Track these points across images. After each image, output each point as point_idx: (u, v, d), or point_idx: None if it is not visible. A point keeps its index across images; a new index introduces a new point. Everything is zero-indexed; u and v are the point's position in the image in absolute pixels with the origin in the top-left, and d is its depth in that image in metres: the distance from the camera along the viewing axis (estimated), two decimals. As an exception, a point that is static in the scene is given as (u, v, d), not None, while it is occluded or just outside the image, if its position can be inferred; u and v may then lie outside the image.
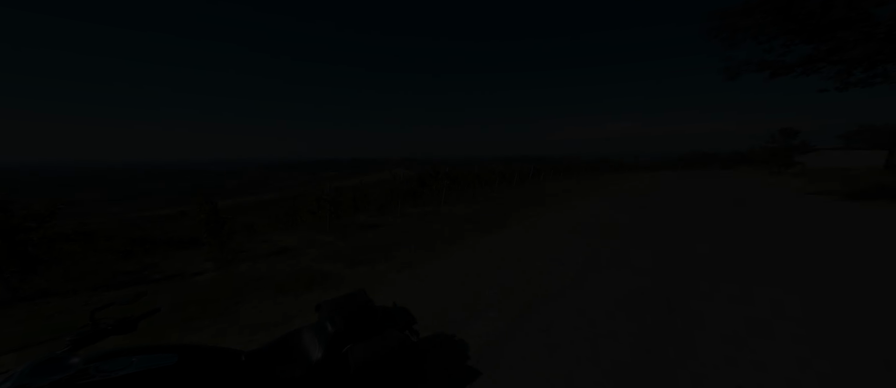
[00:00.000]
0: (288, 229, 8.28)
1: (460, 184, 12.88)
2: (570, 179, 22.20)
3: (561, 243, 5.94)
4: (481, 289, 3.94)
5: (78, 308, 3.64)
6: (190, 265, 5.22)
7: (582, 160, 32.96)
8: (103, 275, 4.74)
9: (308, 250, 5.92)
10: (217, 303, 3.58)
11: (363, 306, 2.06)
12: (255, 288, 4.03)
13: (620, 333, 2.90)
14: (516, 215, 8.97)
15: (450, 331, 3.01)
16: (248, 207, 39.12)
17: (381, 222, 8.31)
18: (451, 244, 6.09)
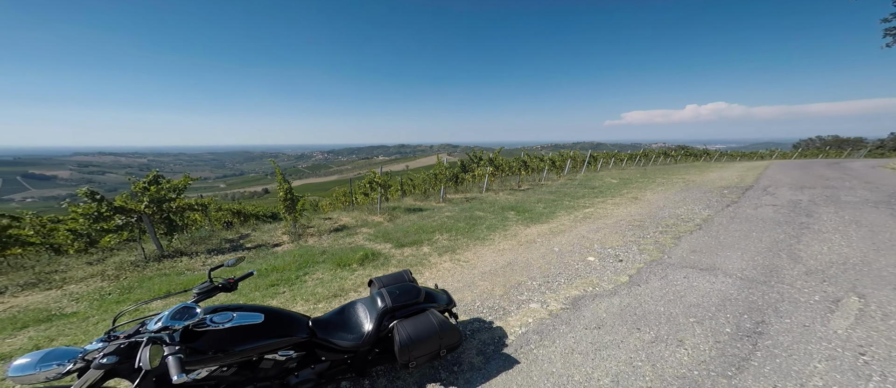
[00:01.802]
0: (345, 208, 9.14)
1: (504, 171, 12.49)
2: (634, 168, 19.89)
3: (612, 237, 5.43)
4: (522, 280, 3.87)
5: (198, 267, 4.63)
6: (272, 237, 6.14)
7: (650, 148, 28.86)
8: (214, 241, 5.90)
9: (361, 229, 6.46)
10: (290, 272, 4.18)
11: (409, 286, 2.22)
12: (319, 261, 4.59)
13: (673, 355, 2.60)
14: (565, 204, 8.43)
15: (488, 318, 3.05)
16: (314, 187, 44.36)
17: (425, 207, 8.60)
18: (493, 231, 6.05)
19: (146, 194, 4.97)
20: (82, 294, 3.74)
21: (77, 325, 3.04)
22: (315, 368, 1.88)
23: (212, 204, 8.25)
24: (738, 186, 10.22)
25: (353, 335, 1.94)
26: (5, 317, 3.19)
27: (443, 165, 10.19)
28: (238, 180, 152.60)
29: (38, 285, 4.04)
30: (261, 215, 9.66)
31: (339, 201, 12.69)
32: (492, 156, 12.12)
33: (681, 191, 9.97)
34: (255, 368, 1.72)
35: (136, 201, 4.95)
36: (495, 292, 3.54)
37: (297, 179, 50.23)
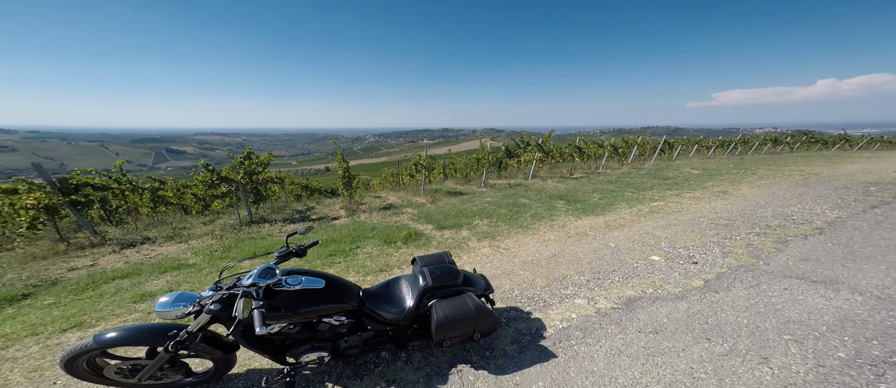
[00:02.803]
0: (393, 188, 9.71)
1: (554, 157, 11.58)
2: (725, 157, 16.55)
3: (686, 236, 4.63)
4: (568, 273, 3.62)
5: (276, 233, 5.50)
6: (331, 211, 6.90)
7: (753, 133, 23.19)
8: (287, 211, 6.92)
9: (406, 209, 6.80)
10: (345, 244, 4.64)
11: (448, 268, 2.27)
12: (369, 237, 4.99)
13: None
14: (627, 196, 7.48)
15: (527, 308, 2.95)
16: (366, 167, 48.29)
17: (466, 191, 8.58)
18: (538, 220, 5.74)
19: (242, 167, 6.04)
20: (199, 249, 4.78)
21: (194, 274, 3.89)
22: (361, 335, 2.04)
23: (286, 178, 9.63)
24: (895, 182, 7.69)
25: (396, 309, 2.06)
26: (154, 262, 4.29)
27: (486, 149, 9.95)
28: (306, 159, 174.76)
29: (173, 238, 5.30)
30: (323, 190, 10.95)
31: (388, 182, 13.51)
32: (541, 141, 11.33)
33: (796, 186, 7.98)
34: (313, 329, 1.90)
35: (234, 173, 6.04)
36: (536, 283, 3.40)
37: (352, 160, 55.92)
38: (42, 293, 3.37)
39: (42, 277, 3.74)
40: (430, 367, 2.21)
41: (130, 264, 4.12)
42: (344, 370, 2.14)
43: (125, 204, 6.21)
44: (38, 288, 3.47)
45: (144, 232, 5.43)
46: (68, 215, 5.17)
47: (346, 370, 2.15)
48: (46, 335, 2.60)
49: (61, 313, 2.92)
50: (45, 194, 4.65)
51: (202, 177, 5.87)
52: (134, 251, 4.64)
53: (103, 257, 4.43)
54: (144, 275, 3.79)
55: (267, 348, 1.85)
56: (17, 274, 3.81)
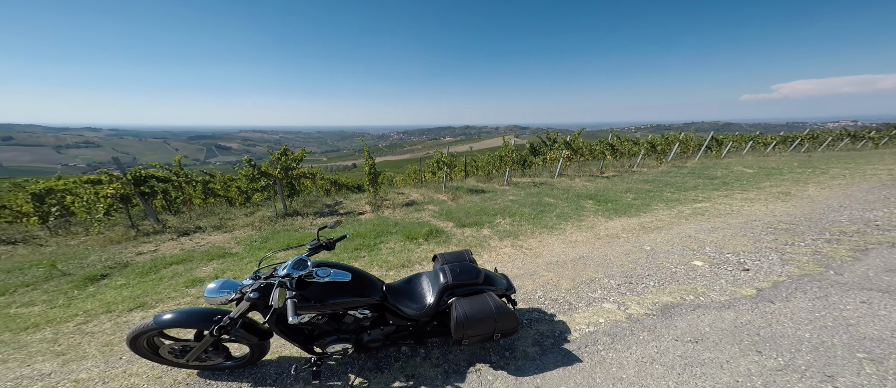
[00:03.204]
0: (415, 185, 9.86)
1: (583, 155, 11.00)
2: (787, 155, 14.72)
3: (736, 240, 4.16)
4: (596, 276, 3.43)
5: (307, 226, 5.83)
6: (357, 206, 7.17)
7: (824, 127, 20.11)
8: (318, 205, 7.31)
9: (428, 206, 6.86)
10: (370, 239, 4.79)
11: (469, 266, 2.25)
12: (392, 232, 5.11)
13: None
14: (666, 196, 6.92)
15: (550, 310, 2.85)
16: (390, 164, 49.50)
17: (487, 189, 8.46)
18: (565, 221, 5.50)
19: (279, 162, 6.49)
20: (241, 239, 5.22)
21: (236, 263, 4.25)
22: (383, 329, 2.07)
23: (317, 174, 10.19)
24: None
25: (417, 305, 2.08)
26: (204, 250, 4.77)
27: (509, 146, 9.72)
28: (335, 155, 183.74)
29: (220, 227, 5.84)
30: (350, 185, 11.42)
31: (410, 178, 13.72)
32: (569, 138, 10.82)
33: (882, 187, 6.92)
34: (339, 321, 1.97)
35: (272, 168, 6.51)
36: (561, 285, 3.27)
37: (377, 157, 57.18)
38: (115, 274, 3.88)
39: (116, 259, 4.30)
40: (448, 364, 2.21)
41: (184, 251, 4.60)
42: (366, 363, 2.21)
43: (182, 195, 6.95)
44: (113, 269, 4.00)
45: (196, 221, 6.03)
46: (137, 204, 5.92)
47: (368, 363, 2.21)
48: (117, 313, 2.95)
49: (129, 293, 3.31)
50: (121, 185, 5.36)
51: (245, 171, 6.40)
52: (187, 239, 5.17)
53: (163, 243, 4.99)
54: (195, 262, 4.20)
55: (297, 337, 1.93)
56: (97, 256, 4.43)
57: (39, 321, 2.74)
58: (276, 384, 1.97)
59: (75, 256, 4.42)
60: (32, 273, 3.80)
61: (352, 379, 2.05)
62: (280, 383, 1.99)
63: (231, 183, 7.78)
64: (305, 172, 7.15)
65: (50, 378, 2.07)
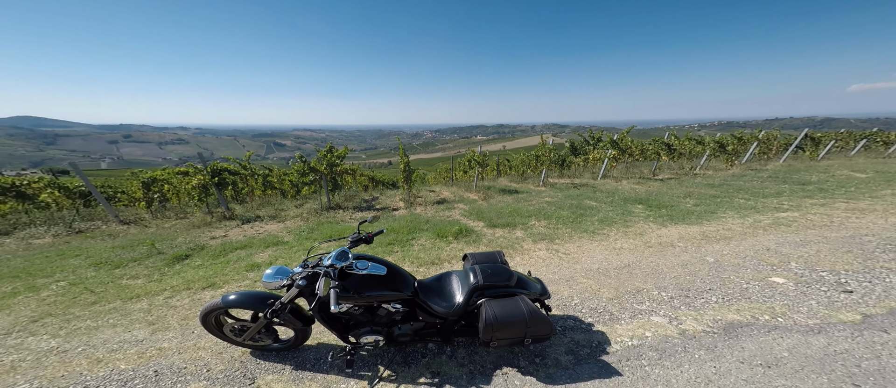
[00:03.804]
0: (446, 183, 9.93)
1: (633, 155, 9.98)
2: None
3: (834, 256, 3.39)
4: (644, 287, 3.09)
5: (347, 219, 6.25)
6: (392, 202, 7.47)
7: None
8: (357, 200, 7.79)
9: (458, 205, 6.85)
10: (403, 235, 4.93)
11: (501, 267, 2.19)
12: (423, 229, 5.21)
13: None
14: (738, 203, 5.98)
15: (588, 319, 2.64)
16: (423, 162, 50.51)
17: (521, 189, 8.15)
18: (608, 226, 5.06)
19: (325, 159, 7.06)
20: (292, 229, 5.77)
21: (287, 251, 4.69)
22: (413, 325, 2.10)
23: (357, 170, 10.86)
24: None
25: (446, 304, 2.08)
26: (261, 238, 5.37)
27: (547, 145, 9.24)
28: (373, 153, 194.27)
29: (275, 217, 6.54)
30: (386, 182, 11.94)
31: (442, 177, 13.77)
32: (616, 137, 9.90)
33: None
34: (373, 313, 2.02)
35: (320, 164, 7.10)
36: (602, 294, 3.02)
37: (410, 155, 59.36)
38: (195, 255, 4.54)
39: (196, 242, 5.07)
40: (474, 365, 2.17)
41: (246, 238, 5.23)
42: (395, 357, 2.27)
43: (246, 187, 7.95)
44: (193, 251, 4.70)
45: (256, 211, 6.83)
46: (213, 193, 6.95)
47: (397, 357, 2.27)
48: (194, 290, 3.28)
49: (203, 273, 3.80)
50: (203, 177, 6.33)
51: (297, 167, 7.10)
52: (249, 226, 5.87)
53: (231, 229, 5.75)
54: (254, 248, 4.75)
55: (335, 325, 2.02)
56: (183, 238, 5.28)
57: (140, 293, 3.28)
58: (314, 369, 2.12)
59: (167, 237, 5.32)
60: (138, 250, 4.66)
61: (381, 371, 2.13)
62: (317, 368, 2.13)
63: (285, 177, 8.69)
64: (347, 169, 7.68)
65: (142, 344, 2.42)
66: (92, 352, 2.25)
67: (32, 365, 2.11)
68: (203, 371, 2.05)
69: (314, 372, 2.08)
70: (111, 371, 2.07)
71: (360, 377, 2.06)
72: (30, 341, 2.38)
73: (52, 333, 2.48)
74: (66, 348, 2.30)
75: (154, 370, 2.06)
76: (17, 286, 3.32)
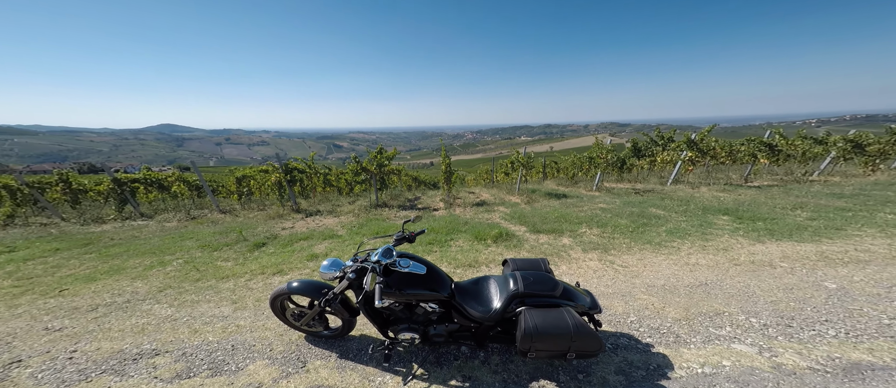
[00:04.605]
0: (486, 185, 9.74)
1: (718, 157, 8.33)
2: None
3: None
4: (726, 309, 2.57)
5: (392, 217, 6.61)
6: (432, 202, 7.65)
7: None
8: (401, 199, 8.19)
9: (498, 208, 6.66)
10: (441, 235, 4.99)
11: (545, 276, 2.06)
12: (462, 231, 5.19)
13: None
14: (882, 219, 4.61)
15: (647, 339, 2.30)
16: (463, 163, 50.70)
17: (571, 193, 7.52)
18: (680, 238, 4.35)
19: (375, 160, 7.60)
20: (345, 224, 6.33)
21: (340, 244, 5.13)
22: (447, 326, 2.10)
23: (402, 171, 11.42)
24: None
25: (482, 308, 2.03)
26: (320, 231, 6.01)
27: (603, 146, 8.33)
28: (417, 154, 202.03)
29: (332, 212, 7.25)
30: (428, 182, 12.27)
31: (482, 178, 13.49)
32: (695, 136, 8.40)
33: None
34: (412, 310, 2.07)
35: (371, 164, 7.67)
36: (666, 313, 2.61)
37: (451, 156, 59.05)
38: (269, 244, 5.27)
39: (271, 232, 5.91)
40: (508, 373, 2.08)
41: (309, 230, 5.89)
42: (428, 356, 2.30)
43: (311, 184, 9.02)
44: (269, 239, 5.47)
45: (317, 206, 7.67)
46: (286, 189, 8.05)
47: (430, 356, 2.30)
48: (266, 275, 3.66)
49: (274, 260, 4.35)
50: (279, 174, 7.38)
51: (352, 167, 7.78)
52: (311, 220, 6.61)
53: (297, 222, 6.56)
54: (314, 239, 5.31)
55: (377, 319, 2.10)
56: (262, 228, 6.22)
57: (228, 274, 3.89)
58: (355, 359, 2.26)
59: (251, 225, 6.34)
60: (230, 236, 5.65)
61: (415, 368, 2.18)
62: (358, 358, 2.27)
63: (341, 176, 9.62)
64: (394, 169, 8.11)
65: (225, 320, 2.76)
66: (192, 323, 2.76)
67: (154, 329, 2.68)
68: (267, 350, 2.34)
69: (355, 362, 2.22)
70: (202, 342, 2.47)
71: (395, 373, 2.14)
72: (155, 308, 3.03)
73: (168, 302, 3.14)
74: (176, 317, 2.86)
75: (232, 344, 2.42)
76: (152, 261, 4.32)
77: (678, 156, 8.25)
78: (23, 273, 3.93)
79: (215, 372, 2.10)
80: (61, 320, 2.76)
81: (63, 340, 2.45)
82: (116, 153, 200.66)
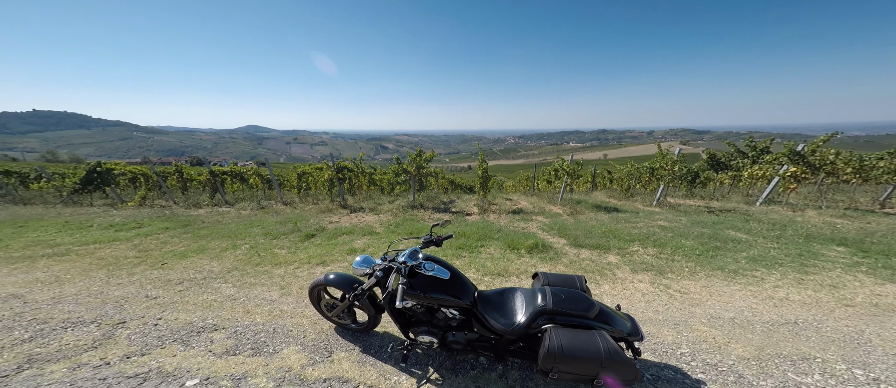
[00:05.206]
0: (525, 192, 9.27)
1: (843, 172, 6.46)
2: None
3: None
4: (823, 358, 2.04)
5: (425, 219, 6.74)
6: (466, 206, 7.60)
7: None
8: (436, 201, 8.33)
9: (537, 217, 6.28)
10: (472, 241, 4.90)
11: (579, 294, 1.91)
12: (494, 238, 5.03)
13: None
14: None
15: (699, 375, 1.96)
16: (502, 168, 49.53)
17: (624, 207, 6.73)
18: (766, 266, 3.60)
19: (414, 162, 7.89)
20: (383, 222, 6.66)
21: (376, 241, 5.39)
22: (466, 334, 2.08)
23: (440, 174, 11.61)
24: None
25: (505, 321, 1.96)
26: (361, 227, 6.44)
27: (669, 156, 7.22)
28: (455, 157, 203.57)
29: (373, 210, 7.70)
30: (464, 186, 12.23)
31: (521, 185, 12.88)
32: (805, 147, 6.64)
33: None
34: (433, 314, 2.08)
35: (410, 166, 7.99)
36: (730, 349, 2.21)
37: (490, 160, 56.89)
38: (317, 235, 5.81)
39: (320, 225, 6.53)
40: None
41: (351, 225, 6.33)
42: (445, 361, 2.28)
43: (358, 182, 9.75)
44: (317, 232, 6.03)
45: (361, 203, 8.22)
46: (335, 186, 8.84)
47: (447, 362, 2.27)
48: (311, 265, 3.99)
49: (319, 252, 4.72)
50: (332, 173, 8.14)
51: (393, 167, 8.18)
52: (354, 216, 7.11)
53: (343, 217, 7.11)
54: (355, 235, 5.70)
55: (399, 318, 2.15)
56: (313, 220, 6.90)
57: (281, 261, 4.36)
58: (376, 356, 2.35)
59: (305, 218, 7.09)
60: (287, 227, 6.39)
61: (430, 372, 2.18)
62: (379, 355, 2.36)
63: (384, 176, 10.20)
64: (431, 172, 8.28)
65: (273, 304, 3.03)
66: (246, 303, 3.11)
67: (219, 306, 3.10)
68: (300, 337, 2.56)
69: (375, 359, 2.31)
70: (251, 322, 2.73)
71: (411, 374, 2.17)
72: (222, 286, 3.55)
73: (233, 283, 3.65)
74: (237, 296, 3.31)
75: (274, 327, 2.70)
76: (227, 244, 5.11)
77: (774, 171, 6.72)
78: (143, 246, 5.02)
79: (256, 352, 2.37)
80: (158, 290, 3.41)
81: (155, 308, 3.01)
82: (216, 149, 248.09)
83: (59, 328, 2.61)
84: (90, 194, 9.03)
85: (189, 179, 9.77)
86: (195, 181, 9.74)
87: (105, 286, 3.46)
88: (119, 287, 3.45)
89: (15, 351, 2.30)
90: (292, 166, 11.48)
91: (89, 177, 8.78)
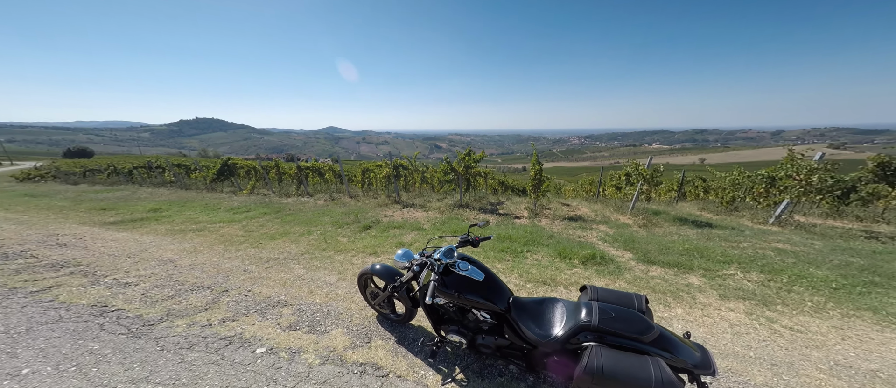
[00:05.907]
0: (588, 198, 8.29)
1: None
2: None
3: None
4: None
5: (469, 218, 6.72)
6: (516, 209, 7.26)
7: None
8: (484, 202, 8.21)
9: (599, 226, 5.61)
10: (518, 245, 4.67)
11: (633, 314, 1.69)
12: (543, 244, 4.70)
13: None
14: None
15: None
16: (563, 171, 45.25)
17: (722, 223, 5.45)
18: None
19: (463, 161, 7.92)
20: (430, 219, 6.89)
21: (422, 236, 5.60)
22: (497, 339, 2.02)
23: (489, 174, 11.32)
24: None
25: (541, 332, 1.84)
26: (409, 223, 6.76)
27: (806, 163, 5.44)
28: (509, 157, 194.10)
29: (423, 207, 8.04)
30: (515, 187, 11.64)
31: (584, 190, 11.63)
32: None
33: None
34: (464, 315, 2.10)
35: (459, 165, 8.06)
36: None
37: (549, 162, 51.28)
38: (374, 227, 6.33)
39: (376, 218, 7.11)
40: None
41: (402, 220, 6.73)
42: (473, 363, 2.25)
43: (412, 180, 10.34)
44: (374, 224, 6.56)
45: (413, 200, 8.66)
46: (392, 183, 9.53)
47: (474, 364, 2.24)
48: (365, 254, 4.41)
49: (373, 242, 5.09)
50: (389, 170, 8.83)
51: (443, 167, 8.38)
52: (406, 211, 7.55)
53: (396, 211, 7.62)
54: (405, 229, 6.04)
55: (432, 314, 2.20)
56: (371, 213, 7.57)
57: (342, 249, 4.89)
58: (408, 348, 2.46)
59: (364, 210, 7.83)
60: (350, 217, 7.14)
61: (456, 372, 2.18)
62: (410, 347, 2.46)
63: (435, 175, 10.52)
64: (480, 172, 8.15)
65: (330, 288, 3.39)
66: (311, 284, 3.51)
67: (290, 284, 3.52)
68: (347, 321, 2.84)
69: (407, 351, 2.43)
70: (312, 302, 3.10)
71: (438, 371, 2.21)
72: (296, 267, 4.13)
73: (303, 264, 4.22)
74: (305, 277, 3.81)
75: (328, 309, 3.03)
76: (303, 230, 6.00)
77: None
78: (248, 227, 6.32)
79: (311, 330, 2.72)
80: (252, 265, 4.21)
81: (248, 282, 3.69)
82: (304, 148, 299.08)
83: (189, 290, 3.45)
84: (222, 182, 11.89)
85: (283, 173, 11.87)
86: (287, 175, 11.78)
87: (221, 258, 4.47)
88: (228, 260, 4.40)
89: (162, 305, 3.13)
90: (359, 163, 12.79)
91: (221, 170, 11.56)
